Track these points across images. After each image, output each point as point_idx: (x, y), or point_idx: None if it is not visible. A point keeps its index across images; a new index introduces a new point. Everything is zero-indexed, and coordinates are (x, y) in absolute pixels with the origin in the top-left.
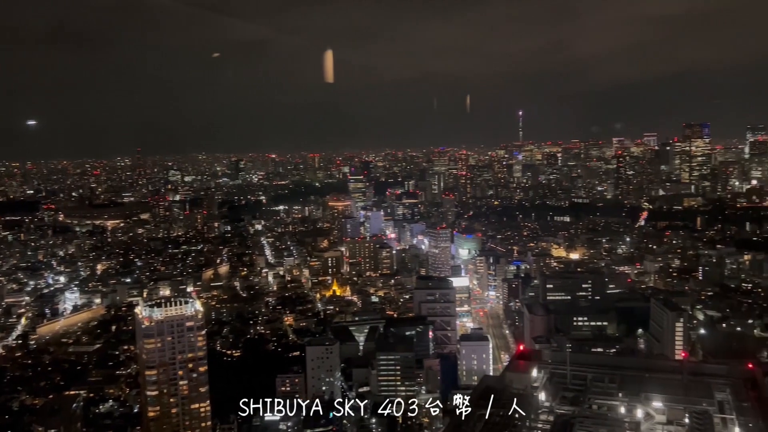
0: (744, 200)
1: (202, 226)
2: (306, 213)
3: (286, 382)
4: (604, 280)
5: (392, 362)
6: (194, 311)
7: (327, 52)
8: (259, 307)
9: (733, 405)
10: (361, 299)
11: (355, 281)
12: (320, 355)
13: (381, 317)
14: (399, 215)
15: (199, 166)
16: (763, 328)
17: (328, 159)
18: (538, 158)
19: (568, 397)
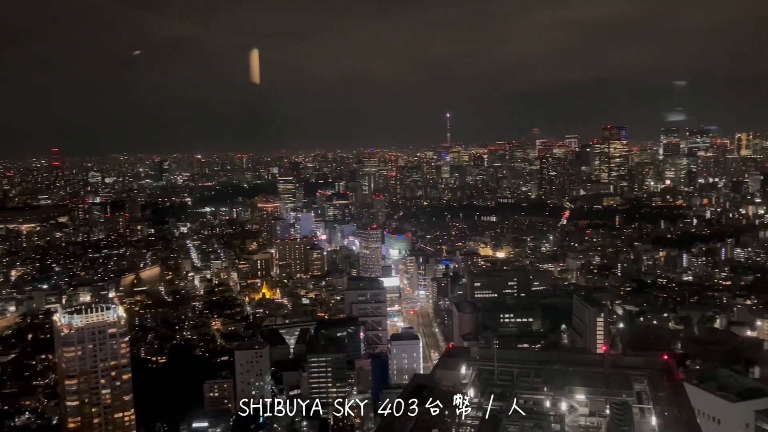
0: (659, 199)
1: (125, 229)
2: (234, 215)
3: (214, 387)
4: (529, 278)
5: (323, 364)
6: (116, 317)
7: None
8: (186, 311)
9: (650, 395)
10: (291, 302)
11: (286, 283)
12: (250, 360)
13: (312, 319)
14: (330, 216)
15: (121, 167)
16: (677, 321)
17: (256, 160)
18: (466, 159)
19: (496, 392)
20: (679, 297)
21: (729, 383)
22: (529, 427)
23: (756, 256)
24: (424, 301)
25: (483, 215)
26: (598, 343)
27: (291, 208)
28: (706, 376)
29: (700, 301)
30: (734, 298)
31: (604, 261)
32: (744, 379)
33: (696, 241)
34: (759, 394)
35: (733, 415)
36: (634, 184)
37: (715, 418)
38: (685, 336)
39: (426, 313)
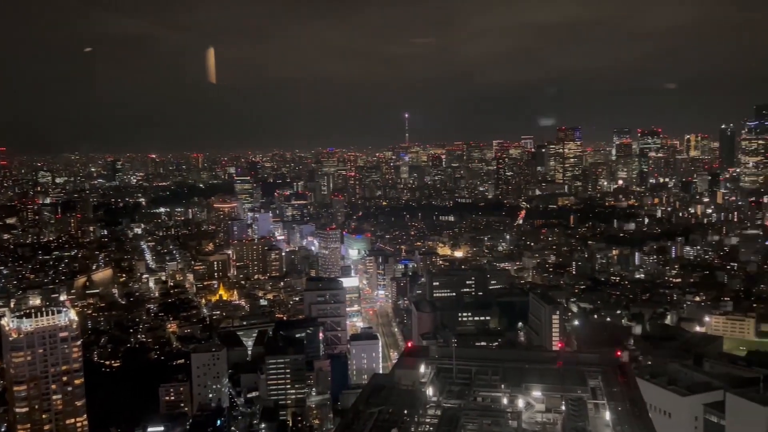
0: (612, 199)
1: (76, 231)
2: (189, 215)
3: (170, 391)
4: (486, 277)
5: (282, 365)
6: (68, 321)
7: (210, 50)
8: (140, 314)
9: (605, 390)
10: (249, 303)
11: (243, 285)
12: (206, 362)
13: (270, 320)
14: (288, 216)
15: (72, 166)
16: (630, 318)
17: (212, 159)
18: (424, 160)
19: (455, 390)
20: (632, 294)
21: (679, 378)
22: (486, 425)
23: (704, 254)
24: (384, 300)
25: (441, 215)
26: (554, 341)
27: (248, 208)
28: (657, 371)
29: (651, 298)
30: (684, 294)
31: (559, 260)
32: (693, 374)
33: (647, 239)
34: (707, 387)
35: (683, 409)
36: (588, 184)
37: (666, 412)
38: (638, 332)
39: (385, 312)
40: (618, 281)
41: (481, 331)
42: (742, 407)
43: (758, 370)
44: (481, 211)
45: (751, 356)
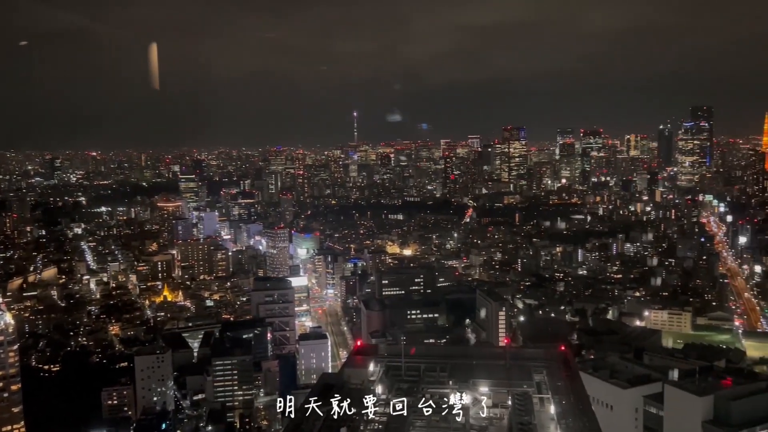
0: (555, 197)
1: (12, 231)
2: (132, 215)
3: (112, 395)
4: (434, 275)
5: (229, 367)
6: (3, 324)
7: (153, 45)
8: (81, 317)
9: (549, 385)
10: (194, 304)
11: (188, 285)
12: (150, 365)
13: (217, 321)
14: (235, 216)
15: (8, 164)
16: (573, 313)
17: (156, 157)
18: (373, 158)
19: (403, 388)
20: (575, 290)
21: (620, 371)
22: (435, 421)
23: (644, 251)
24: (333, 300)
25: (390, 214)
26: (500, 337)
27: (193, 207)
28: (599, 364)
29: (594, 294)
30: (624, 290)
31: (505, 257)
32: (634, 367)
33: (590, 237)
34: (647, 380)
35: (624, 401)
36: (533, 182)
37: (608, 405)
38: (581, 327)
39: (334, 311)
40: (562, 278)
41: (430, 328)
42: (679, 398)
43: (694, 362)
44: (430, 210)
45: (688, 349)
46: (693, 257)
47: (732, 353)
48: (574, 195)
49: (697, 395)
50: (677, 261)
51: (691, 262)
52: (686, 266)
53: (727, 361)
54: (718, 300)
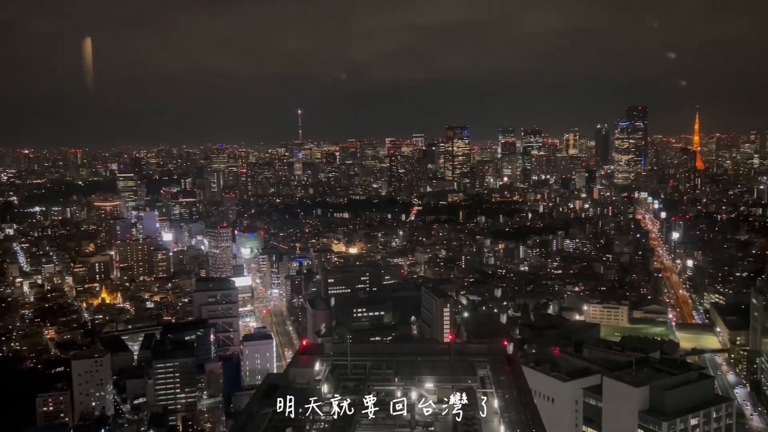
0: (498, 195)
1: None
2: (68, 215)
3: (47, 401)
4: (380, 272)
5: (170, 369)
6: None
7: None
8: (13, 321)
9: (493, 380)
10: (134, 306)
11: (128, 287)
12: (88, 369)
13: (157, 323)
14: (176, 215)
15: None
16: (515, 309)
17: (92, 155)
18: (318, 156)
19: (349, 386)
20: (517, 286)
21: (561, 364)
22: (381, 418)
23: (582, 247)
24: (278, 299)
25: (336, 212)
26: (445, 333)
27: (132, 206)
28: (541, 358)
29: (535, 290)
30: (564, 285)
31: (449, 254)
32: (574, 360)
33: (531, 233)
34: (587, 372)
35: (565, 394)
36: (476, 181)
37: (550, 397)
38: (523, 322)
39: (280, 311)
40: (504, 274)
41: (376, 326)
42: (617, 389)
43: (631, 354)
44: (375, 208)
45: (625, 341)
46: (629, 253)
47: (666, 345)
48: (515, 193)
49: (634, 386)
50: (614, 256)
51: (628, 257)
52: (623, 261)
53: (662, 352)
54: (653, 294)
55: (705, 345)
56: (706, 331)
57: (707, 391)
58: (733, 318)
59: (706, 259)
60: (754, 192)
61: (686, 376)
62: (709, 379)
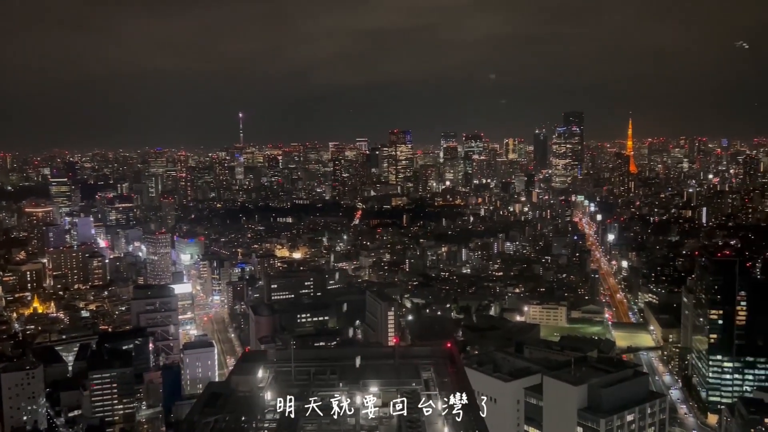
0: (440, 199)
1: None
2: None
3: None
4: (324, 277)
5: (107, 380)
6: None
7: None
8: None
9: (436, 381)
10: (68, 315)
11: (61, 296)
12: (19, 382)
13: (93, 333)
14: (112, 221)
15: None
16: (458, 311)
17: (23, 159)
18: (260, 160)
19: (293, 393)
20: (460, 288)
21: (503, 365)
22: (325, 424)
23: (522, 249)
24: (219, 306)
25: (279, 216)
26: (390, 336)
27: (66, 212)
28: (483, 359)
29: (477, 292)
30: (505, 287)
31: (393, 258)
32: (515, 360)
33: (473, 236)
34: (528, 372)
35: (507, 394)
36: (419, 185)
37: (492, 398)
38: (466, 324)
39: (221, 318)
40: (447, 276)
41: (320, 331)
42: (556, 388)
43: (570, 354)
44: (319, 212)
45: (564, 341)
46: (567, 254)
47: (603, 344)
48: (457, 197)
49: (573, 385)
50: (553, 258)
51: (566, 259)
52: (561, 263)
53: (599, 351)
54: (590, 294)
55: (640, 343)
56: (640, 330)
57: (642, 387)
58: (666, 316)
59: (639, 259)
60: (684, 195)
61: (622, 374)
62: (643, 376)
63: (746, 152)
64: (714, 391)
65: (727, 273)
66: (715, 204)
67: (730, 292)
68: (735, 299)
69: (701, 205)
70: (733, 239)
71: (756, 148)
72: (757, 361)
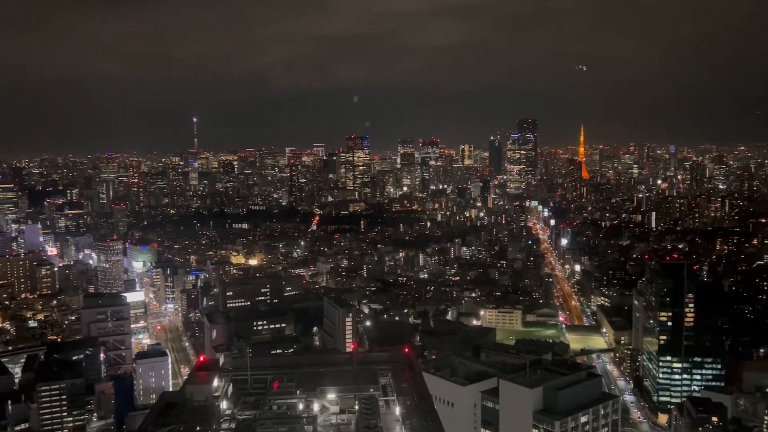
0: (398, 204)
1: None
2: None
3: None
4: (281, 284)
5: (56, 392)
6: None
7: None
8: None
9: (394, 387)
10: (15, 325)
11: (8, 305)
12: None
13: (42, 343)
14: (61, 228)
15: None
16: (416, 316)
17: None
18: (215, 166)
19: (250, 401)
20: (417, 293)
21: (460, 369)
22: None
23: (478, 254)
24: (173, 314)
25: (235, 223)
26: (348, 342)
27: (12, 219)
28: (440, 364)
29: (434, 296)
30: (462, 291)
31: (351, 263)
32: (472, 364)
33: (430, 241)
34: (484, 376)
35: (464, 398)
36: (377, 190)
37: (450, 402)
38: (423, 329)
39: (175, 327)
40: (405, 282)
41: (277, 338)
42: (512, 391)
43: (525, 357)
44: (276, 218)
45: (519, 344)
46: (522, 259)
47: (557, 346)
48: (415, 202)
49: (528, 388)
50: (508, 262)
51: (521, 263)
52: (516, 267)
53: (554, 354)
54: (544, 297)
55: (593, 345)
56: (593, 332)
57: (596, 389)
58: (618, 319)
59: (592, 263)
60: (634, 200)
61: (576, 376)
62: (597, 378)
63: (693, 158)
64: (664, 391)
65: (676, 276)
66: (664, 209)
67: (678, 294)
68: (683, 302)
69: (651, 210)
70: (681, 243)
71: (702, 153)
72: (704, 361)
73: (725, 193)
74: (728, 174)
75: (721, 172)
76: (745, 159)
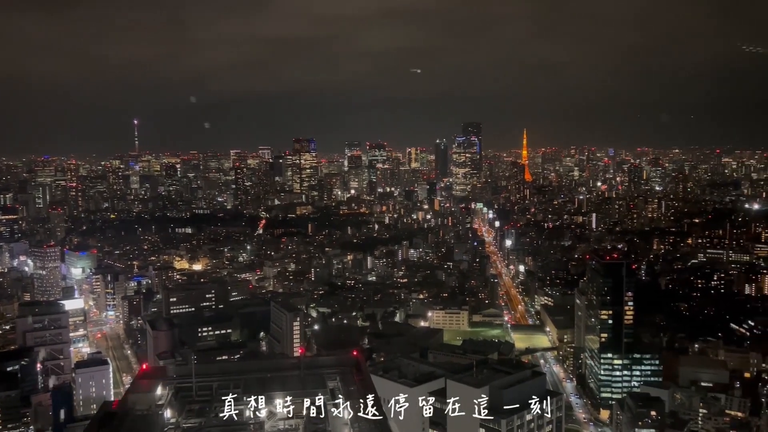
0: (345, 207)
1: None
2: None
3: None
4: (227, 289)
5: None
6: None
7: None
8: None
9: (343, 390)
10: None
11: None
12: None
13: None
14: None
15: None
16: (364, 319)
17: None
18: (157, 169)
19: (195, 409)
20: (365, 296)
21: (408, 370)
22: None
23: (425, 256)
24: (114, 322)
25: (178, 227)
26: (295, 347)
27: None
28: (389, 366)
29: (382, 299)
30: (410, 293)
31: (299, 267)
32: (420, 365)
33: (378, 244)
34: (432, 377)
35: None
36: (324, 193)
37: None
38: (371, 331)
39: (117, 335)
40: (353, 284)
41: (223, 344)
42: (459, 391)
43: (472, 357)
44: (221, 222)
45: (466, 345)
46: (468, 260)
47: (503, 346)
48: (362, 205)
49: (475, 387)
50: (455, 264)
51: (467, 264)
52: (462, 268)
53: (499, 353)
54: (490, 298)
55: (537, 344)
56: (537, 331)
57: (540, 387)
58: (561, 318)
59: (535, 264)
60: (575, 202)
61: (521, 375)
62: (541, 376)
63: (630, 161)
64: (605, 387)
65: (615, 275)
66: (604, 210)
67: (618, 293)
68: (623, 300)
69: (591, 212)
70: (620, 243)
71: (639, 156)
72: (643, 357)
73: (661, 194)
74: (664, 176)
75: (657, 174)
76: (679, 161)
